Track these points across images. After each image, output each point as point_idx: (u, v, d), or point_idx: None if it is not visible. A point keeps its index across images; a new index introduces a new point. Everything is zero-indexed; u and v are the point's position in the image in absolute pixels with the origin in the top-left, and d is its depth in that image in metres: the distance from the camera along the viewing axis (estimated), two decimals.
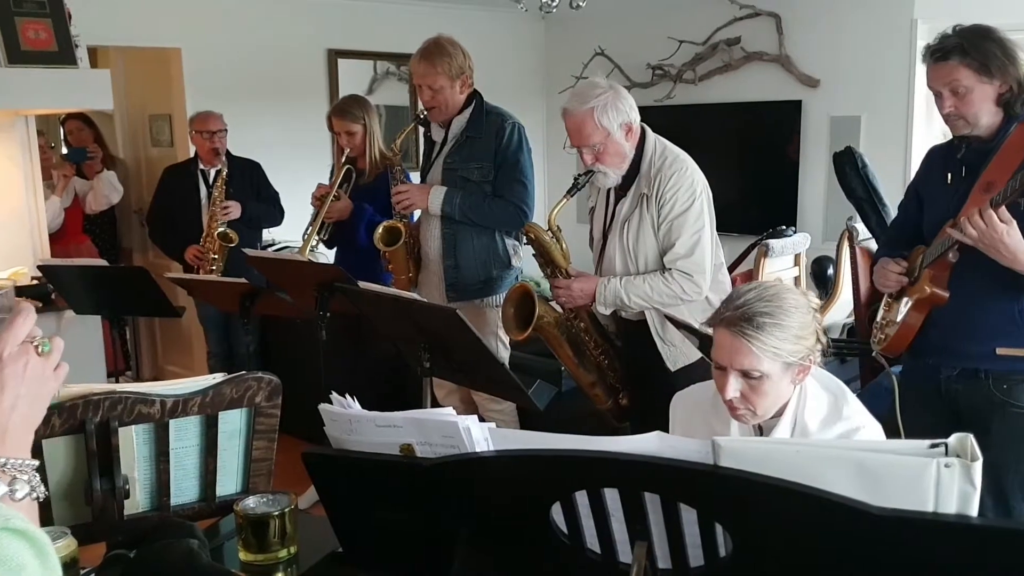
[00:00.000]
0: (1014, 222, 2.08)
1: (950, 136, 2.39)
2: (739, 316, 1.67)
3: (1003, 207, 2.09)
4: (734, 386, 1.68)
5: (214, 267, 4.17)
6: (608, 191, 2.82)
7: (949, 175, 2.36)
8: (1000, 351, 2.27)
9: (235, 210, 4.21)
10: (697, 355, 2.68)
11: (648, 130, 2.76)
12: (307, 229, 3.71)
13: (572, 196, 2.77)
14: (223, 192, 4.21)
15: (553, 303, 2.88)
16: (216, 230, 4.16)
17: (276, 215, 4.50)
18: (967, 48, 2.20)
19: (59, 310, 3.92)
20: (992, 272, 2.20)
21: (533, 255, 2.87)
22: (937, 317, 2.35)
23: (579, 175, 2.74)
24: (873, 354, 2.55)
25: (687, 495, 1.11)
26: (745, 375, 1.69)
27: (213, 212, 4.20)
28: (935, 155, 2.52)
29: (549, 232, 2.80)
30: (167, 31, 5.03)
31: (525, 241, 2.86)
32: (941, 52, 2.24)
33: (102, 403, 1.56)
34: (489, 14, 6.36)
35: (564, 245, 2.82)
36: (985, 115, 2.24)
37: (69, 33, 3.87)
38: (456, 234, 3.35)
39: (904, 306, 2.41)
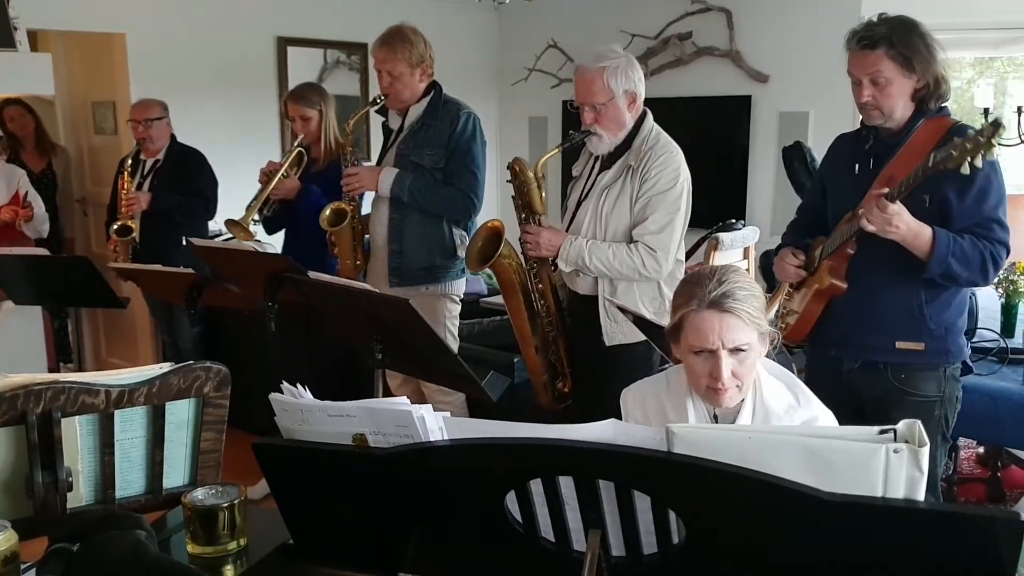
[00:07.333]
0: (904, 209, 2.11)
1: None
2: (722, 294, 1.70)
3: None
4: (728, 364, 1.70)
5: (117, 261, 3.97)
6: (594, 162, 2.86)
7: (857, 165, 2.39)
8: (900, 345, 2.30)
9: (139, 202, 4.03)
10: (635, 338, 2.71)
11: (649, 114, 2.83)
12: (251, 202, 3.66)
13: (563, 148, 2.84)
14: (129, 182, 4.06)
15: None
16: (120, 221, 4.00)
17: (198, 210, 4.20)
18: (894, 40, 2.21)
19: None
20: (891, 266, 2.24)
21: (512, 196, 2.85)
22: (838, 311, 2.38)
23: (574, 132, 2.80)
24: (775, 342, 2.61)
25: (641, 482, 1.12)
26: (734, 352, 1.71)
27: (120, 203, 4.05)
28: (842, 144, 2.54)
29: (533, 175, 2.80)
30: (111, 15, 4.90)
31: (509, 178, 2.85)
32: (869, 41, 2.25)
33: (44, 393, 1.52)
34: (442, 4, 6.33)
35: (544, 193, 2.83)
36: (900, 109, 2.27)
37: (7, 15, 3.77)
38: (403, 219, 3.33)
39: (804, 296, 2.45)
